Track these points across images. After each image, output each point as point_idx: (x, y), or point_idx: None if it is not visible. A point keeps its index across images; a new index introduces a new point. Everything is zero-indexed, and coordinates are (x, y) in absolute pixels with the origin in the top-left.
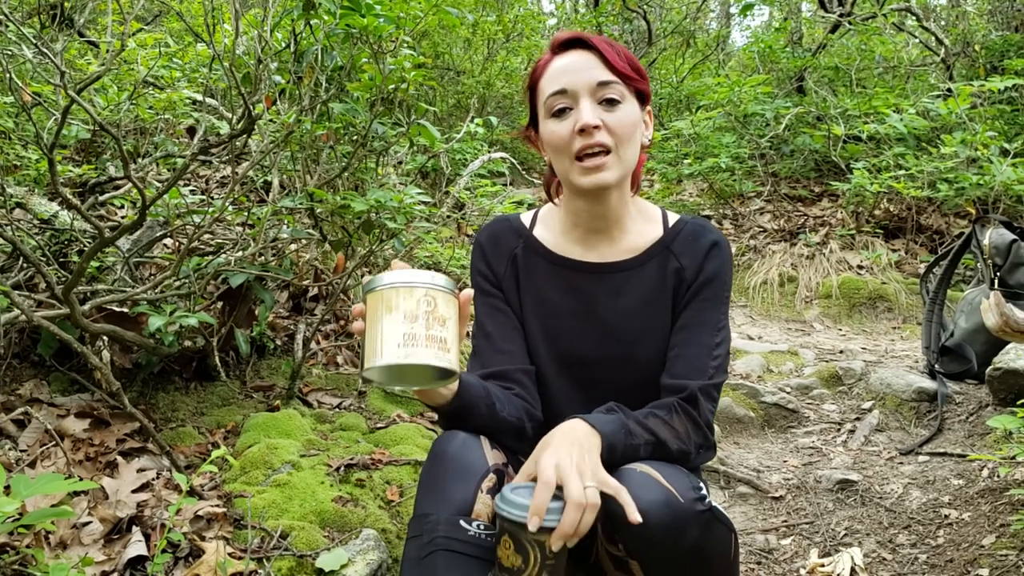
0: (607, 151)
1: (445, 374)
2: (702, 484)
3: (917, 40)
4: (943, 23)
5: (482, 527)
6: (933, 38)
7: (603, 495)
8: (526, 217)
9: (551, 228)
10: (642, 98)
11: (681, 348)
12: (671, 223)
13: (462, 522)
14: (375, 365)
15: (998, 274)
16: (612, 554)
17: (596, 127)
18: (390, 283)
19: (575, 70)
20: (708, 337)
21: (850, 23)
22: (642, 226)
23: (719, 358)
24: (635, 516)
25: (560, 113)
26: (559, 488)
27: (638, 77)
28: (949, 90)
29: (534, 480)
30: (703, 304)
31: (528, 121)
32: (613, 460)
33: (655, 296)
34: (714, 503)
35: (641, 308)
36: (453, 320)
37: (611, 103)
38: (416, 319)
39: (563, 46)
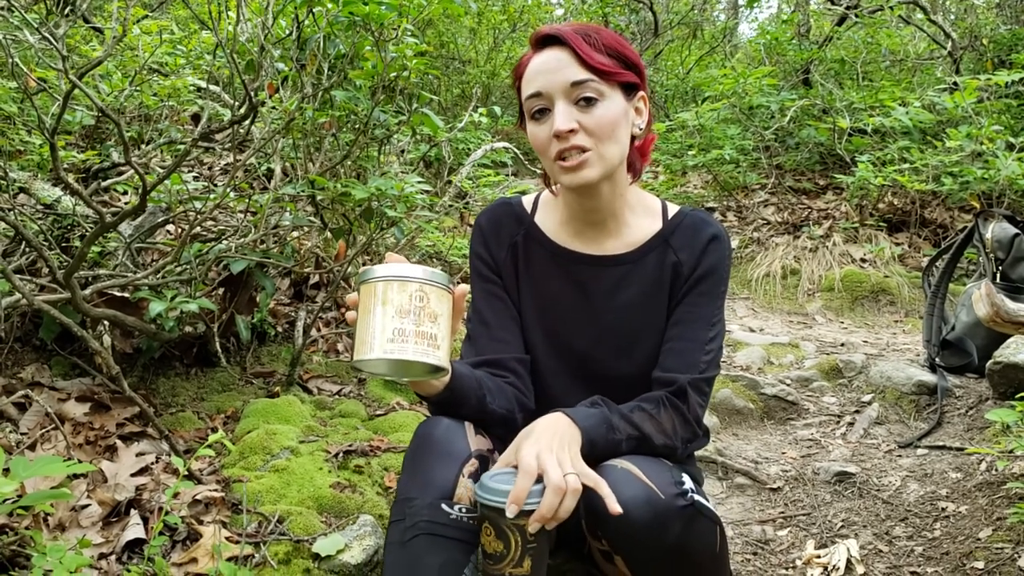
0: (586, 151)
1: (435, 369)
2: (685, 478)
3: (924, 33)
4: (951, 16)
5: (464, 510)
6: (940, 31)
7: (585, 488)
8: (528, 201)
9: (551, 216)
10: (629, 88)
11: (674, 342)
12: (670, 215)
13: (444, 505)
14: (364, 358)
15: (1000, 268)
16: (599, 548)
17: (571, 131)
18: (384, 276)
19: (548, 71)
20: (702, 332)
21: (857, 16)
22: (641, 219)
23: (711, 353)
24: (615, 507)
25: (539, 115)
26: (539, 476)
27: (619, 70)
28: (955, 84)
29: (514, 468)
30: (698, 299)
31: (519, 117)
32: (594, 455)
33: (653, 290)
34: (697, 497)
35: (639, 302)
36: (445, 316)
37: (588, 102)
38: (407, 314)
39: (540, 43)
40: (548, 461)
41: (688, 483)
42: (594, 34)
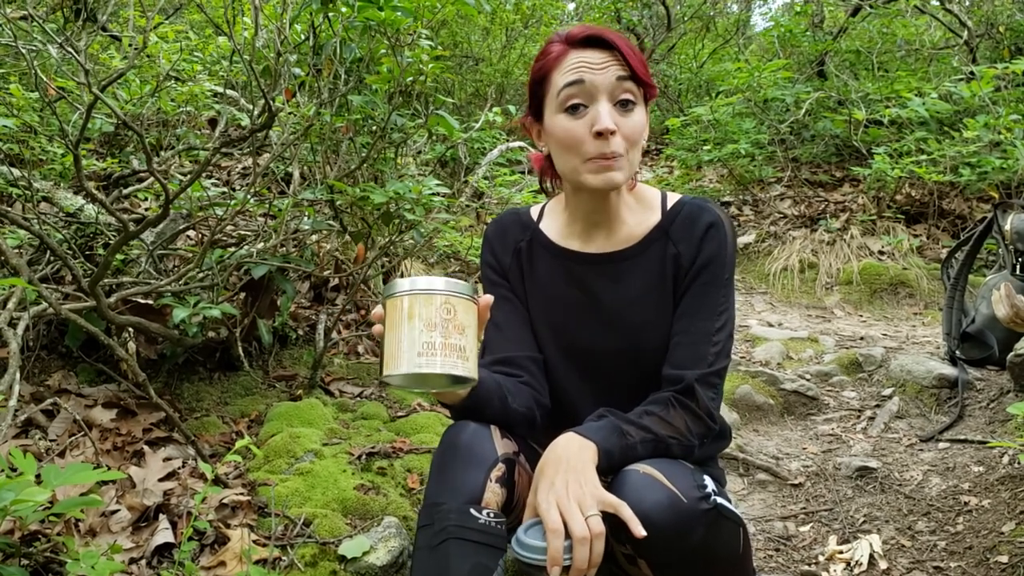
0: (619, 156)
1: (463, 380)
2: (707, 480)
3: (939, 22)
4: (967, 4)
5: (492, 515)
6: (956, 20)
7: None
8: (535, 210)
9: (555, 221)
10: (646, 100)
11: (681, 336)
12: (669, 206)
13: (472, 510)
14: (394, 372)
15: (1020, 260)
16: (623, 552)
17: (613, 132)
18: (409, 290)
19: (594, 67)
20: (708, 323)
21: (871, 6)
22: (639, 214)
23: (719, 344)
24: (639, 531)
25: (574, 109)
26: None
27: (652, 82)
28: (972, 73)
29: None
30: (702, 288)
31: (528, 110)
32: (612, 464)
33: (656, 284)
34: (720, 499)
35: (642, 297)
36: (472, 327)
37: (625, 105)
38: (435, 327)
39: (583, 42)
40: (568, 511)
41: (710, 485)
42: (631, 43)
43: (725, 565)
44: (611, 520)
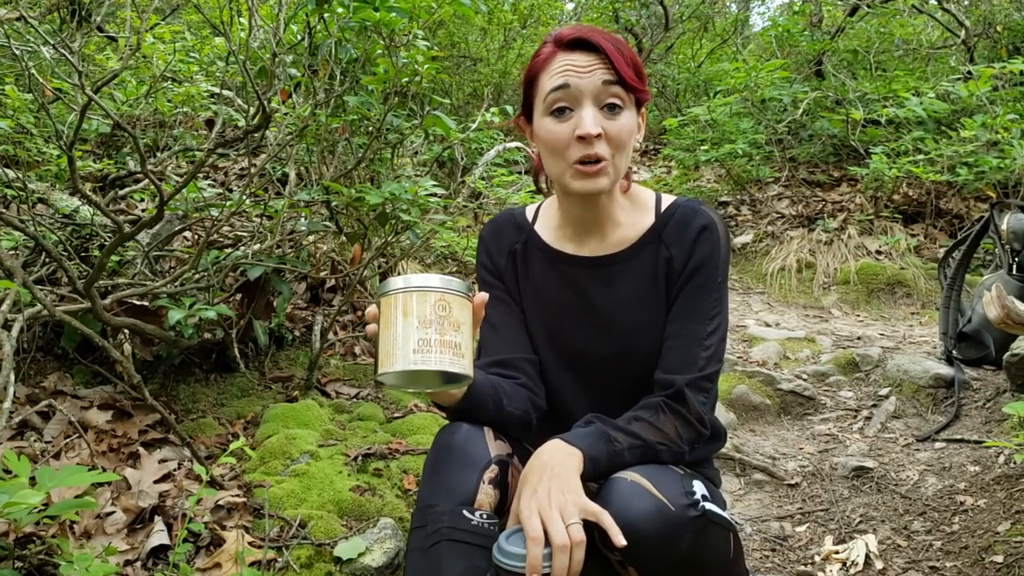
0: (602, 160)
1: (459, 378)
2: (696, 486)
3: (937, 22)
4: (964, 4)
5: (485, 516)
6: (953, 20)
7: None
8: (530, 211)
9: (549, 222)
10: (639, 103)
11: (673, 340)
12: (663, 208)
13: (465, 512)
14: (389, 370)
15: (1016, 259)
16: (613, 558)
17: (597, 136)
18: (404, 287)
19: (580, 70)
20: (699, 326)
21: (869, 5)
22: (633, 217)
23: (711, 348)
24: (619, 540)
25: (560, 112)
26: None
27: (640, 86)
28: (969, 72)
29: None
30: (695, 292)
31: (521, 110)
32: (599, 471)
33: (648, 287)
34: (709, 506)
35: (635, 300)
36: (467, 324)
37: (612, 108)
38: (430, 324)
39: (570, 45)
40: (549, 519)
41: (699, 491)
42: (621, 45)
43: (714, 572)
44: (600, 528)
